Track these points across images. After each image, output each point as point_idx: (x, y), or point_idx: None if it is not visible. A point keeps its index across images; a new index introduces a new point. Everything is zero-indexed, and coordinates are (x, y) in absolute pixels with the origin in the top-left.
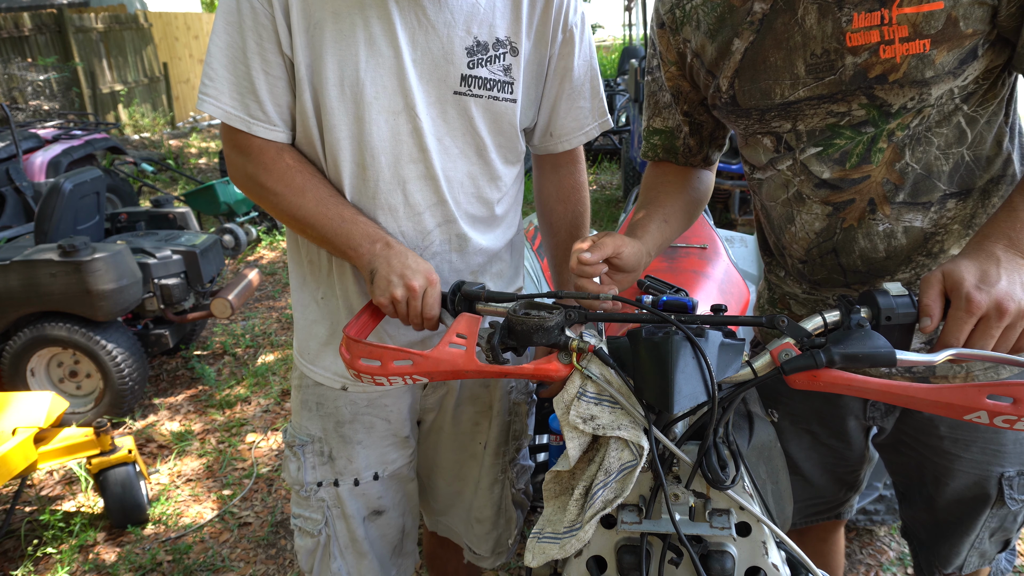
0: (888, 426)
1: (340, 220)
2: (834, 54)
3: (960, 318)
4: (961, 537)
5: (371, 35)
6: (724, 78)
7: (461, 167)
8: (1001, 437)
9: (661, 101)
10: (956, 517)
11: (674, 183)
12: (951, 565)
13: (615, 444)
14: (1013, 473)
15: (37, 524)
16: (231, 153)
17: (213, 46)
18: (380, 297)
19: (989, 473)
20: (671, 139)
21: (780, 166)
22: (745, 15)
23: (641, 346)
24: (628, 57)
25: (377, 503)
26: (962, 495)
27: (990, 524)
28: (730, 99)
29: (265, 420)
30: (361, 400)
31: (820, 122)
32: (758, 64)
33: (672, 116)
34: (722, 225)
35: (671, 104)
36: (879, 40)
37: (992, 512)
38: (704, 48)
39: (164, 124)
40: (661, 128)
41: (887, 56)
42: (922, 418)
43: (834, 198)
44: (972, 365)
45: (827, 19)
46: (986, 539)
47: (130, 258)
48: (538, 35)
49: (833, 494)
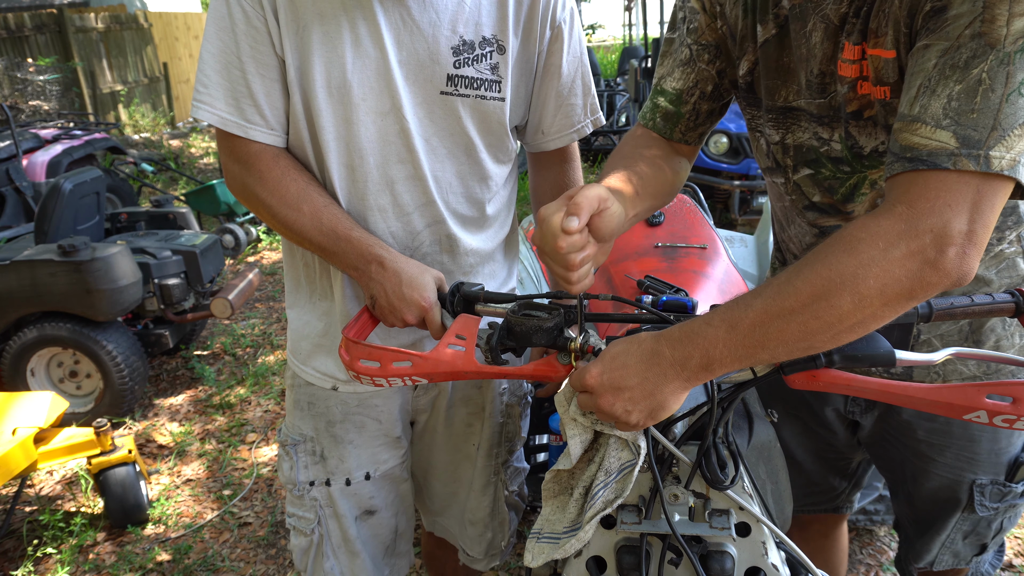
0: (867, 423)
1: (335, 237)
2: (829, 77)
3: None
4: (933, 536)
5: (357, 36)
6: (746, 61)
7: (449, 167)
8: (976, 446)
9: (680, 57)
10: (931, 516)
11: (657, 157)
12: (923, 560)
13: (615, 444)
14: (986, 481)
15: (37, 524)
16: (227, 160)
17: (205, 52)
18: (383, 321)
19: (961, 479)
20: (677, 103)
21: (776, 179)
22: (773, 6)
23: None
24: (628, 57)
25: (369, 503)
26: (935, 496)
27: (962, 527)
28: (747, 85)
29: (265, 420)
30: (352, 400)
31: (807, 139)
32: (773, 61)
33: (689, 75)
34: (722, 225)
35: (691, 61)
36: (857, 75)
37: (963, 516)
38: (736, 23)
39: (164, 124)
40: (671, 89)
41: (864, 92)
42: (902, 419)
43: (822, 222)
44: (948, 372)
45: (829, 41)
46: (959, 540)
47: (130, 258)
48: (525, 32)
49: (826, 481)
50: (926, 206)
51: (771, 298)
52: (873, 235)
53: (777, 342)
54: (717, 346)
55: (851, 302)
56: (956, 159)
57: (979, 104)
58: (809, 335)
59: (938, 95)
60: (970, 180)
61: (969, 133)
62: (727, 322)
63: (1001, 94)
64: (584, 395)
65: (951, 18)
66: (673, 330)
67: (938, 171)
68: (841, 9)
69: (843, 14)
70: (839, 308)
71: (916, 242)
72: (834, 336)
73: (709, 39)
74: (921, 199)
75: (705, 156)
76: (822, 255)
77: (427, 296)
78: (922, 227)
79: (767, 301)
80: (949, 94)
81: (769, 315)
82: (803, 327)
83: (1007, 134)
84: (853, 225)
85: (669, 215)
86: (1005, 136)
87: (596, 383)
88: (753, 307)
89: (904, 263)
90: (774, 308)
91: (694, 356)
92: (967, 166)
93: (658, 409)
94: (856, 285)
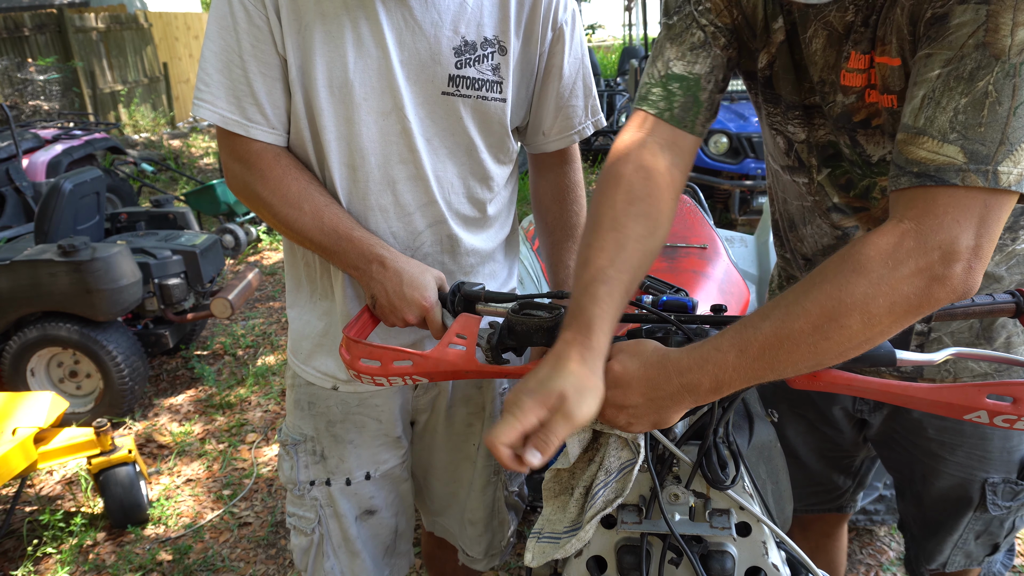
0: (876, 421)
1: (336, 237)
2: (828, 86)
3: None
4: (945, 536)
5: (359, 36)
6: (766, 53)
7: (451, 168)
8: (988, 444)
9: (690, 41)
10: (941, 516)
11: (667, 189)
12: (935, 562)
13: (615, 443)
14: (998, 480)
15: (37, 524)
16: (228, 160)
17: (207, 50)
18: (383, 321)
19: (973, 477)
20: (694, 88)
21: (797, 179)
22: (787, 3)
23: None
24: (628, 57)
25: (369, 503)
26: (946, 495)
27: (974, 527)
28: (766, 79)
29: (265, 420)
30: (352, 400)
31: (827, 136)
32: (789, 57)
33: (705, 59)
34: (722, 225)
35: (706, 43)
36: (865, 84)
37: (975, 515)
38: (755, 12)
39: (164, 124)
40: (685, 74)
41: (872, 100)
42: (912, 418)
43: (844, 223)
44: (959, 370)
45: (832, 49)
46: (971, 540)
47: (130, 258)
48: (527, 33)
49: (830, 480)
50: (934, 222)
51: (780, 320)
52: (882, 253)
53: (787, 363)
54: (727, 371)
55: (861, 322)
56: (965, 175)
57: (986, 118)
58: (819, 355)
59: (944, 108)
60: (978, 196)
61: (977, 148)
62: (736, 346)
63: (1008, 107)
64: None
65: (953, 27)
66: (681, 357)
67: (946, 187)
68: (846, 18)
69: (848, 23)
70: (849, 328)
71: (924, 259)
72: (842, 354)
73: (725, 21)
74: (929, 215)
75: (705, 156)
76: (830, 275)
77: (428, 296)
78: (931, 244)
79: (776, 324)
80: (955, 107)
81: (779, 338)
82: (813, 348)
83: (1015, 148)
84: (860, 242)
85: None
86: (1013, 151)
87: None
88: (762, 330)
89: (912, 280)
90: (784, 331)
91: (704, 382)
92: (976, 182)
93: (662, 423)
94: (867, 305)
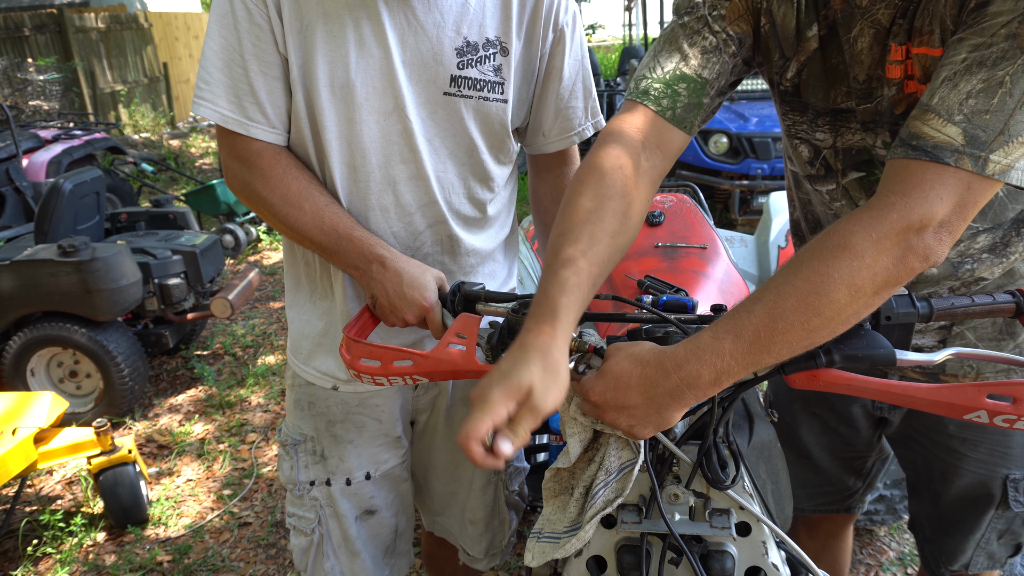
0: (895, 419)
1: (336, 236)
2: (876, 82)
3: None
4: (966, 535)
5: (361, 36)
6: (796, 62)
7: (452, 168)
8: (1009, 439)
9: (701, 44)
10: (961, 515)
11: (644, 189)
12: (956, 563)
13: (615, 443)
14: (1020, 476)
15: (37, 524)
16: (228, 159)
17: (208, 49)
18: (383, 320)
19: (994, 474)
20: (700, 92)
21: (821, 187)
22: (822, 7)
23: None
24: (628, 57)
25: (369, 503)
26: (967, 494)
27: (996, 525)
28: (793, 87)
29: (265, 420)
30: (352, 400)
31: (858, 141)
32: (823, 62)
33: (714, 65)
34: (722, 225)
35: (718, 49)
36: (903, 75)
37: (997, 513)
38: (787, 21)
39: (164, 124)
40: (693, 76)
41: (910, 91)
42: (932, 416)
43: None
44: (983, 365)
45: (878, 46)
46: (993, 540)
47: (130, 258)
48: (528, 35)
49: (841, 481)
50: (919, 196)
51: (772, 301)
52: (866, 227)
53: (782, 344)
54: (724, 358)
55: (847, 294)
56: (959, 157)
57: (995, 106)
58: (811, 332)
59: (958, 89)
60: (964, 178)
61: (978, 133)
62: (732, 332)
63: (1018, 100)
64: (588, 405)
65: (991, 14)
66: (677, 351)
67: (938, 164)
68: (890, 12)
69: (892, 16)
70: (837, 302)
71: (904, 232)
72: (833, 330)
73: (738, 30)
74: (916, 189)
75: (705, 156)
76: (817, 251)
77: (428, 296)
78: (913, 216)
79: (768, 305)
80: (969, 91)
81: (772, 318)
82: (806, 325)
83: (1011, 140)
84: (846, 219)
85: (669, 215)
86: (1009, 142)
87: (600, 400)
88: (755, 313)
89: (891, 251)
90: (776, 310)
91: (703, 373)
92: (966, 165)
93: (664, 424)
94: (852, 278)
